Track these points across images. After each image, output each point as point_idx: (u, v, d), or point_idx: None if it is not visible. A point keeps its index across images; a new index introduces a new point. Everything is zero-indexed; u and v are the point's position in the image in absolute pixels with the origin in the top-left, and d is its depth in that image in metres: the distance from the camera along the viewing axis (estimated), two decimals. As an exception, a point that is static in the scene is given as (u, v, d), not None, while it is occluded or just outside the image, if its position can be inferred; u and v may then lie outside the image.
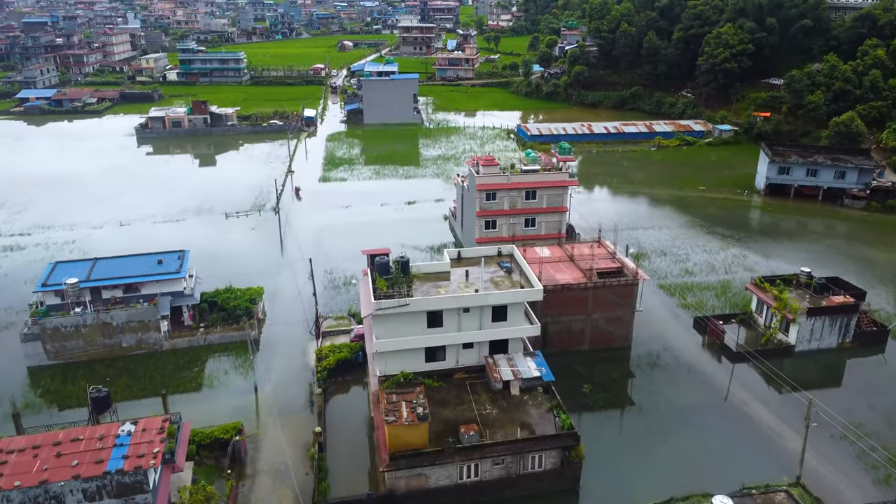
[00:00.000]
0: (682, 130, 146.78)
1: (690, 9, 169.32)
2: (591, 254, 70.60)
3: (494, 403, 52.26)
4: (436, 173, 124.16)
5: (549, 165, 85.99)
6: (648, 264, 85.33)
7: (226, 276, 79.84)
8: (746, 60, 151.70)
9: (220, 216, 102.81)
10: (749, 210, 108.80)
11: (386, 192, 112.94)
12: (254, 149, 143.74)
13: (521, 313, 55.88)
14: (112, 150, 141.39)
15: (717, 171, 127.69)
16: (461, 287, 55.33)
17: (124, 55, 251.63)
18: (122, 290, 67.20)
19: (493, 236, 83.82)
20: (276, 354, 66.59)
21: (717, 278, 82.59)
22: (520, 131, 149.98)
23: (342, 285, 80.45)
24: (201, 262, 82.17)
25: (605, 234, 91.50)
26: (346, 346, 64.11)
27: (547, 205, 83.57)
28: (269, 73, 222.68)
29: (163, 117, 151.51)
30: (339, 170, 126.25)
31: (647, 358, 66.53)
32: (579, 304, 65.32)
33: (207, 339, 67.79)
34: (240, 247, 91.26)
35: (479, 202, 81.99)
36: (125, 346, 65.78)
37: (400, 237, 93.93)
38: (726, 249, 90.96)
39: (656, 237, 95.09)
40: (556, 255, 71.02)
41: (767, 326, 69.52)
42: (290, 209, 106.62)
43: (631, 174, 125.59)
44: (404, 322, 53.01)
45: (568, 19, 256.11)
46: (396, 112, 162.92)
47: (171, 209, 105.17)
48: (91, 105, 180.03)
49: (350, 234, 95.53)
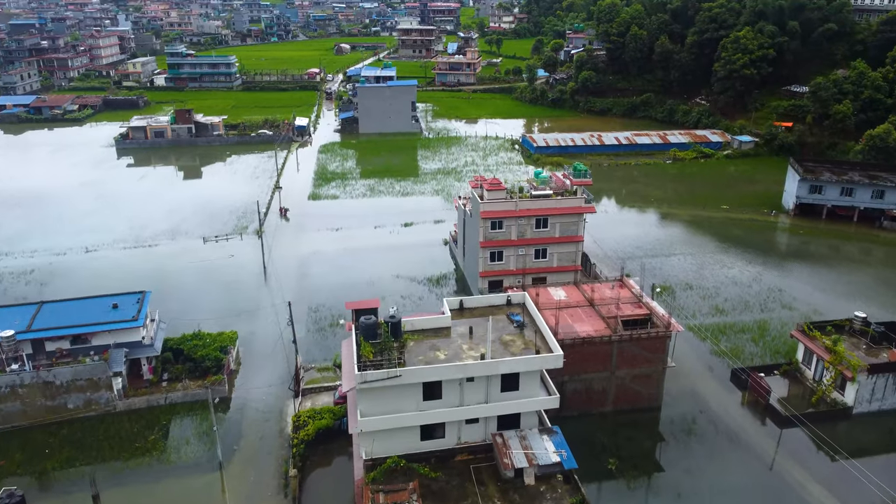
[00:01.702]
0: (698, 142, 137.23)
1: (705, 11, 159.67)
2: (613, 296, 61.13)
3: (504, 497, 42.76)
4: (435, 190, 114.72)
5: (561, 188, 76.57)
6: (674, 300, 75.85)
7: (198, 313, 70.68)
8: (766, 67, 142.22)
9: (198, 240, 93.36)
10: (779, 233, 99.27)
11: (381, 212, 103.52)
12: (241, 161, 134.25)
13: (535, 381, 46.43)
14: (88, 163, 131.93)
15: (739, 187, 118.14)
16: (464, 350, 45.94)
17: (112, 59, 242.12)
18: (69, 342, 57.79)
19: (500, 269, 74.41)
20: (248, 418, 57.12)
21: (752, 318, 73.03)
22: (525, 142, 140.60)
23: (328, 327, 70.93)
24: (169, 299, 73.15)
25: (623, 263, 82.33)
26: (328, 411, 54.58)
27: (560, 234, 74.08)
28: (262, 77, 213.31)
29: (144, 127, 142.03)
30: (330, 185, 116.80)
31: (681, 422, 57.04)
32: (602, 359, 55.88)
33: (169, 397, 58.34)
34: (215, 279, 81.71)
35: (483, 231, 72.52)
36: (71, 409, 56.31)
37: (395, 266, 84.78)
38: (759, 281, 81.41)
39: (680, 266, 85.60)
40: (573, 299, 61.49)
41: (817, 381, 60.06)
42: (276, 232, 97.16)
43: (646, 191, 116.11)
44: (395, 395, 43.65)
45: (573, 21, 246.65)
46: (394, 121, 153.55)
47: (145, 232, 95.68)
48: (72, 112, 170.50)
49: (340, 264, 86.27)
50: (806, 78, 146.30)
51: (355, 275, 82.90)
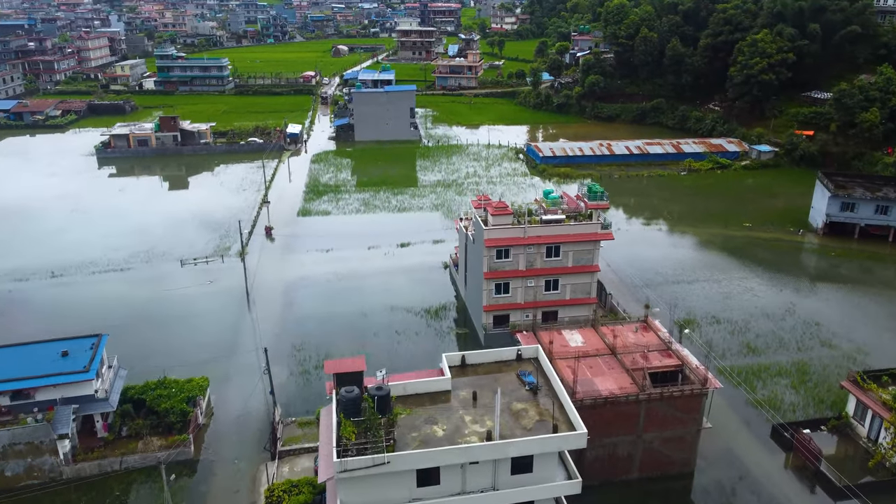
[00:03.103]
0: (714, 151, 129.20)
1: (719, 13, 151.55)
2: (638, 342, 53.25)
3: None
4: (434, 204, 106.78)
5: (574, 210, 68.62)
6: (700, 335, 67.92)
7: (167, 354, 63.08)
8: (786, 71, 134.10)
9: (175, 263, 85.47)
10: (808, 255, 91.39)
11: (375, 230, 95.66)
12: (228, 171, 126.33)
13: (553, 462, 38.58)
14: (67, 174, 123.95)
15: (761, 201, 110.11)
16: (467, 423, 38.12)
17: (102, 61, 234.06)
18: (8, 397, 49.93)
19: (506, 303, 66.47)
20: (216, 488, 49.26)
21: (788, 358, 65.07)
22: (530, 151, 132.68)
23: (313, 369, 63.08)
24: (136, 337, 65.63)
25: (644, 295, 74.49)
26: (306, 484, 46.60)
27: (573, 263, 66.12)
28: (256, 81, 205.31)
29: (127, 135, 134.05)
30: (322, 200, 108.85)
31: (717, 490, 49.26)
32: (628, 421, 47.99)
33: (125, 461, 50.43)
34: (190, 311, 73.78)
35: (487, 261, 64.58)
36: (9, 476, 48.46)
37: (389, 294, 77.03)
38: (793, 313, 73.42)
39: (704, 295, 77.66)
40: (591, 345, 53.54)
41: (873, 440, 52.17)
42: (261, 253, 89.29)
43: (661, 206, 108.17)
44: (384, 483, 35.85)
45: (578, 23, 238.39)
46: (391, 128, 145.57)
47: (118, 254, 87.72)
48: (54, 118, 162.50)
49: (329, 291, 78.51)
50: (826, 83, 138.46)
51: (346, 304, 75.12)
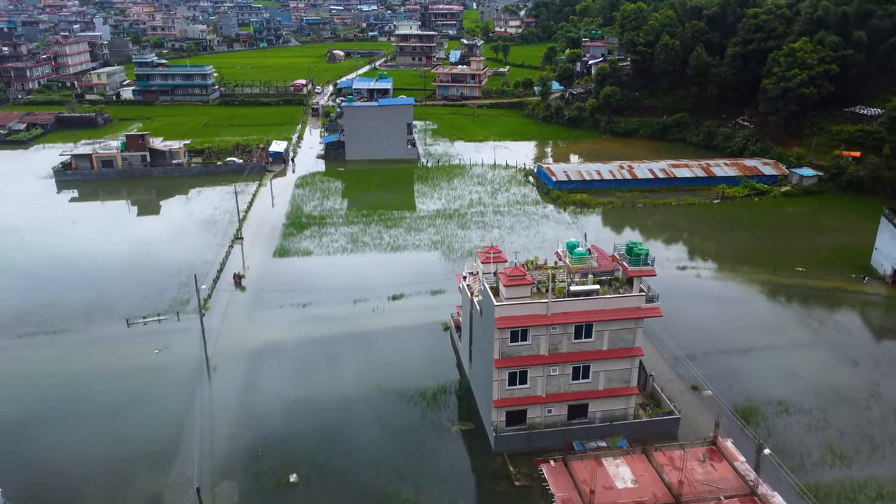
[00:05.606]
0: (749, 175, 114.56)
1: (749, 18, 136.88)
2: (708, 479, 38.65)
3: None
4: (433, 241, 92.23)
5: (607, 269, 54.10)
6: (766, 431, 53.45)
7: (76, 474, 48.75)
8: (829, 84, 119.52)
9: (121, 323, 70.91)
10: (879, 311, 76.77)
11: (364, 277, 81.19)
12: (201, 197, 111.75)
13: None
14: (18, 201, 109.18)
15: (809, 237, 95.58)
16: None
17: (81, 67, 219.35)
18: None
19: (523, 396, 51.91)
20: None
21: (887, 472, 50.39)
22: (541, 173, 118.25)
23: (273, 487, 48.53)
24: (37, 445, 51.09)
25: (684, 365, 59.78)
26: None
27: (609, 346, 51.55)
28: (243, 90, 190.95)
29: (90, 155, 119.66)
30: (303, 235, 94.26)
31: None
32: None
33: None
34: (123, 397, 58.90)
35: (499, 345, 50.04)
36: None
37: (378, 368, 62.87)
38: (880, 400, 58.78)
39: (763, 369, 63.04)
40: (646, 487, 38.99)
41: None
42: (227, 308, 74.70)
43: (696, 243, 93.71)
44: None
45: (588, 27, 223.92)
46: (386, 146, 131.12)
47: (52, 311, 72.95)
48: (18, 133, 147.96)
49: (303, 366, 63.97)
50: (871, 98, 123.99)
51: (322, 384, 60.69)
